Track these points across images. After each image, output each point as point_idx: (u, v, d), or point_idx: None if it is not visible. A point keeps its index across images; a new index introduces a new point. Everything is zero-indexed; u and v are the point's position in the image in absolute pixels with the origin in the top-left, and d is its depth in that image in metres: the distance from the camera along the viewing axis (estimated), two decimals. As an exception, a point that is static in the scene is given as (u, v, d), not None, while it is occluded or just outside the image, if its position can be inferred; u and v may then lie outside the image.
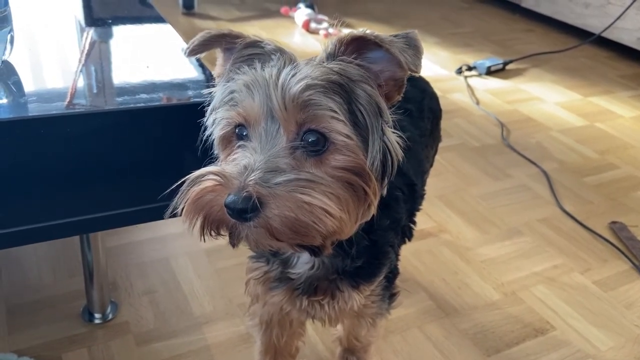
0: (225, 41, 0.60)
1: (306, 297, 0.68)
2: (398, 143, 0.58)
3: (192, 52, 0.60)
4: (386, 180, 0.58)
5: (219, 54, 0.63)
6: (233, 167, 0.52)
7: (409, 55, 0.53)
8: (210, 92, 0.61)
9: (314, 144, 0.53)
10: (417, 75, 0.55)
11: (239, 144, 0.56)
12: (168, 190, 0.55)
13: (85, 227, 0.83)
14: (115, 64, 0.90)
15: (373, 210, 0.58)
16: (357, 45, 0.56)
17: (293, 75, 0.53)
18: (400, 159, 0.58)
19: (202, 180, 0.52)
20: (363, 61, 0.56)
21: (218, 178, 0.51)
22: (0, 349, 0.94)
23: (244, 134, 0.55)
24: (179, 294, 1.10)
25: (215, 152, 0.61)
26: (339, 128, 0.52)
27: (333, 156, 0.53)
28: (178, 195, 0.53)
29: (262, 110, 0.53)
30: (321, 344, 1.01)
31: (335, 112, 0.52)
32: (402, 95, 0.59)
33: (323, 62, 0.55)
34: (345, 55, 0.56)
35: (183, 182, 0.54)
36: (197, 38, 0.60)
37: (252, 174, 0.50)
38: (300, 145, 0.53)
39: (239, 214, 0.49)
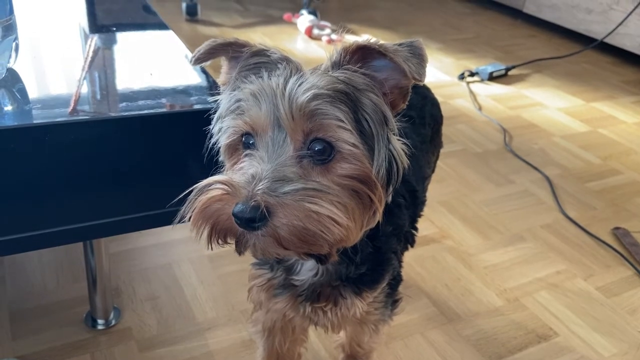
0: (231, 50, 0.60)
1: (309, 304, 0.68)
2: (403, 150, 0.59)
3: (197, 61, 0.61)
4: (391, 188, 0.59)
5: (223, 62, 0.63)
6: (240, 176, 0.52)
7: (413, 64, 0.53)
8: (216, 100, 0.62)
9: (320, 152, 0.53)
10: (421, 83, 0.55)
11: (245, 152, 0.56)
12: (177, 199, 0.55)
13: (89, 234, 0.83)
14: (119, 71, 0.90)
15: (378, 217, 0.58)
16: (362, 54, 0.56)
17: (300, 85, 0.53)
18: (406, 167, 0.59)
19: (210, 189, 0.52)
20: (368, 70, 0.56)
21: (225, 187, 0.51)
22: (3, 355, 0.95)
23: (251, 142, 0.56)
24: (182, 299, 1.10)
25: (221, 159, 0.62)
26: (346, 137, 0.53)
27: (339, 165, 0.54)
28: (186, 204, 0.53)
29: (269, 119, 0.53)
30: (324, 351, 1.01)
31: (342, 121, 0.53)
32: (407, 103, 0.59)
33: (328, 71, 0.56)
34: (350, 64, 0.56)
35: (190, 191, 0.54)
36: (203, 47, 0.60)
37: (260, 183, 0.50)
38: (307, 154, 0.53)
39: (247, 223, 0.49)
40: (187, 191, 0.54)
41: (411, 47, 0.54)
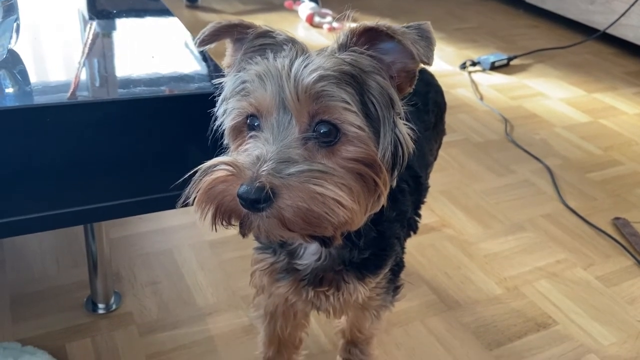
0: (236, 31, 0.60)
1: (312, 288, 0.68)
2: (409, 135, 0.58)
3: (202, 43, 0.60)
4: (396, 172, 0.58)
5: (228, 44, 0.62)
6: (245, 157, 0.52)
7: (421, 46, 0.53)
8: (221, 83, 0.61)
9: (326, 135, 0.53)
10: (429, 66, 0.55)
11: (250, 134, 0.56)
12: (179, 182, 0.55)
13: (90, 217, 0.83)
14: (121, 56, 0.90)
15: (383, 201, 0.58)
16: (369, 36, 0.55)
17: (305, 66, 0.53)
18: (411, 151, 0.58)
19: (215, 170, 0.52)
20: (375, 52, 0.55)
21: (230, 168, 0.51)
22: (4, 338, 0.95)
23: (256, 124, 0.55)
24: (183, 285, 1.11)
25: (226, 142, 0.61)
26: (351, 119, 0.52)
27: (345, 147, 0.53)
28: (190, 185, 0.53)
29: (274, 100, 0.53)
30: (324, 336, 1.01)
31: (348, 103, 0.52)
32: (413, 86, 0.59)
33: (335, 53, 0.55)
34: (357, 46, 0.55)
35: (195, 173, 0.54)
36: (208, 28, 0.59)
37: (265, 165, 0.50)
38: (312, 136, 0.53)
39: (252, 204, 0.49)
40: (191, 172, 0.54)
41: (419, 30, 0.54)
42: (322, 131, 0.53)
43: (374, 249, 0.67)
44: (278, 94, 0.53)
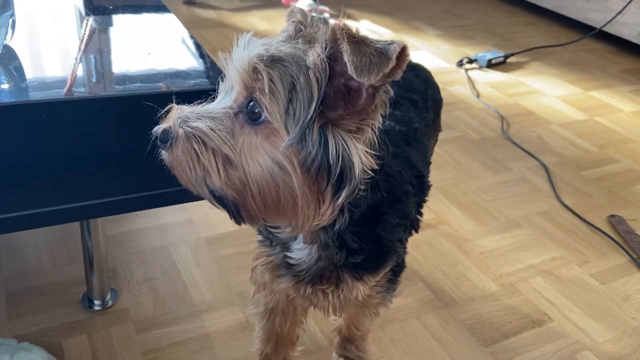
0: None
1: (310, 286, 0.68)
2: (365, 157, 0.55)
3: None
4: (344, 192, 0.55)
5: None
6: (187, 108, 0.58)
7: (362, 61, 0.48)
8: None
9: (252, 113, 0.54)
10: (366, 83, 0.49)
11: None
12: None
13: (86, 213, 0.83)
14: (115, 52, 0.89)
15: (323, 217, 0.56)
16: (333, 37, 0.51)
17: (262, 44, 0.55)
18: (359, 172, 0.54)
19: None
20: (334, 54, 0.51)
21: (169, 115, 0.60)
22: (0, 335, 0.95)
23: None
24: (179, 281, 1.11)
25: None
26: (272, 107, 0.52)
27: (262, 131, 0.54)
28: None
29: (229, 69, 0.57)
30: (320, 333, 1.02)
31: (276, 89, 0.52)
32: (381, 111, 0.54)
33: (297, 43, 0.55)
34: (326, 43, 0.52)
35: None
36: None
37: (182, 116, 0.57)
38: (244, 111, 0.55)
39: (156, 140, 0.58)
40: None
41: (383, 47, 0.48)
42: (251, 108, 0.54)
43: (369, 253, 0.66)
44: (232, 63, 0.56)
